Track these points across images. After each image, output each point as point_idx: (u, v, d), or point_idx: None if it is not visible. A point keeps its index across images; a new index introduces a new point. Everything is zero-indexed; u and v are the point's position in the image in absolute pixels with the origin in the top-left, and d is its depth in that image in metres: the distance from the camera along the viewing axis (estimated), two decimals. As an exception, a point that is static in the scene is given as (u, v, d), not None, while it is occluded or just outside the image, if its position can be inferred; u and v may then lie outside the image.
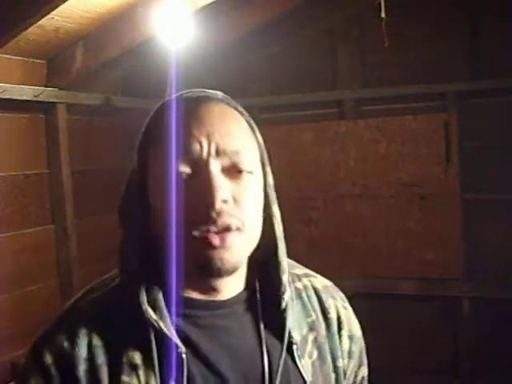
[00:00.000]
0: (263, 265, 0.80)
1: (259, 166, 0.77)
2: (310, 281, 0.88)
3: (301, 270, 0.89)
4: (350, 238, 3.11)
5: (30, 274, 2.37)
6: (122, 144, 2.98)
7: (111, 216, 3.16)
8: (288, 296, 0.78)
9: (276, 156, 2.73)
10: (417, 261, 3.04)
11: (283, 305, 0.77)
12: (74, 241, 2.52)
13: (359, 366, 0.89)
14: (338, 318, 0.86)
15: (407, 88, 3.00)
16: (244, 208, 0.72)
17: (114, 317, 0.73)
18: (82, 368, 0.70)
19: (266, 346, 0.77)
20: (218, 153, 0.72)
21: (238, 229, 0.72)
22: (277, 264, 0.78)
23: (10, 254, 2.27)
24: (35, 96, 2.27)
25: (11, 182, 2.30)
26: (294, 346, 0.78)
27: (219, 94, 0.80)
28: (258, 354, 0.77)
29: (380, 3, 2.27)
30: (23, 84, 2.23)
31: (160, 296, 0.74)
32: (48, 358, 0.71)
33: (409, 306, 3.09)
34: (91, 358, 0.71)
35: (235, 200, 0.72)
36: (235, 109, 0.78)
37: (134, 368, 0.71)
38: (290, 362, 0.78)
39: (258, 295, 0.79)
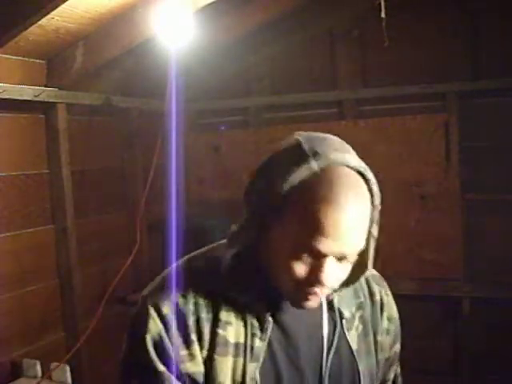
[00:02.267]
0: None
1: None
2: None
3: None
4: (350, 238, 3.11)
5: (30, 274, 2.36)
6: (121, 144, 2.98)
7: (111, 216, 3.18)
8: (337, 293, 0.98)
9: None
10: (417, 261, 3.03)
11: (330, 297, 0.98)
12: (73, 241, 2.52)
13: (394, 343, 1.12)
14: (381, 302, 1.08)
15: (407, 88, 3.00)
16: (340, 281, 0.91)
17: (215, 283, 0.92)
18: (191, 319, 0.90)
19: (328, 320, 0.96)
20: (340, 257, 0.86)
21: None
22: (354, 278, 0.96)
23: (10, 254, 2.27)
24: (35, 96, 2.26)
25: (11, 182, 2.30)
26: (344, 321, 0.99)
27: (361, 166, 0.87)
28: (320, 325, 0.95)
29: (380, 3, 2.27)
30: (23, 84, 2.22)
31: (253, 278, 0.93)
32: (165, 309, 0.90)
33: (409, 306, 3.08)
34: (197, 312, 0.90)
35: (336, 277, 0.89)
36: (367, 184, 0.87)
37: (227, 324, 0.91)
38: (341, 333, 0.99)
39: None
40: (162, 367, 0.88)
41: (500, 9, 2.82)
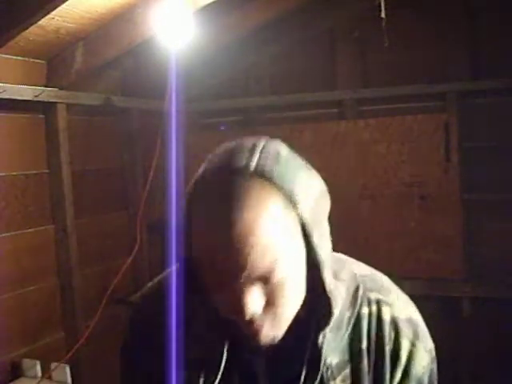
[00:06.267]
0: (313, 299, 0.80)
1: (298, 250, 0.74)
2: (378, 309, 0.86)
3: (377, 294, 0.88)
4: (350, 238, 3.11)
5: (30, 274, 2.36)
6: (121, 144, 2.98)
7: (111, 216, 3.17)
8: (328, 331, 0.79)
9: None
10: (417, 261, 3.03)
11: (319, 340, 0.79)
12: (73, 241, 2.52)
13: None
14: (396, 353, 0.85)
15: (407, 88, 3.00)
16: (278, 310, 0.74)
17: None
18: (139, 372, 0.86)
19: (308, 372, 0.80)
20: (252, 276, 0.71)
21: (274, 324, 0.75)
22: (328, 307, 0.79)
23: (10, 254, 2.27)
24: (35, 96, 2.26)
25: (11, 182, 2.30)
26: (326, 369, 0.80)
27: (255, 167, 0.73)
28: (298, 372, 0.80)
29: (380, 3, 2.27)
30: (23, 84, 2.22)
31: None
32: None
33: (409, 306, 3.08)
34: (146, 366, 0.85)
35: (269, 303, 0.73)
36: (274, 186, 0.72)
37: (198, 365, 0.80)
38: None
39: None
40: None
41: (500, 8, 2.83)
